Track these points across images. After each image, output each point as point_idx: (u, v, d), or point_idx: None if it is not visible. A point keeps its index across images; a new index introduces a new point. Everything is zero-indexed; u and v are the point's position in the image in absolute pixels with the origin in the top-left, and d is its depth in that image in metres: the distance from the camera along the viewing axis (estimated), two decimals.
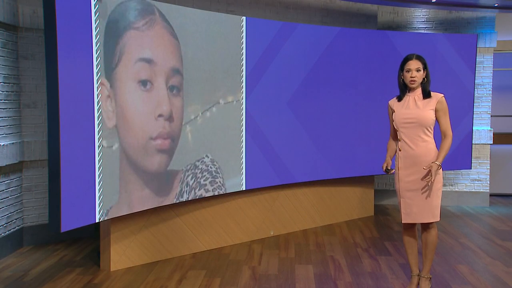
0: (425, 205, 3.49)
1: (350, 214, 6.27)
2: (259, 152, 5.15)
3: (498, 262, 4.51)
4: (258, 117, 5.10)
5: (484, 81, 7.08)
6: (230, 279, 4.11)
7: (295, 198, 5.72)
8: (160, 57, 4.17)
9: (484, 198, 7.14)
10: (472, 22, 7.04)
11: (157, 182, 4.26)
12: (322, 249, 5.00)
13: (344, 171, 5.87)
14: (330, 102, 5.66)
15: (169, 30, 4.24)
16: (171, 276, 4.19)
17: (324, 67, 5.57)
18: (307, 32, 5.42)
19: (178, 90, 4.37)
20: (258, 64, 5.06)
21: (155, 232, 4.59)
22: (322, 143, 5.64)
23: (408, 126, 3.50)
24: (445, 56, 6.25)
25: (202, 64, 4.58)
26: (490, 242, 5.22)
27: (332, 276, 4.16)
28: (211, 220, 5.02)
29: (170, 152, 4.34)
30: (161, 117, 4.21)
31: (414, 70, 3.49)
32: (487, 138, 7.07)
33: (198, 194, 4.65)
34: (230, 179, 4.91)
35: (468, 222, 6.13)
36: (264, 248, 5.02)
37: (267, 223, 5.49)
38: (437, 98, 3.49)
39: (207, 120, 4.67)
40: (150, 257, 4.55)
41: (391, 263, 4.49)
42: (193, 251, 4.87)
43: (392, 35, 6.06)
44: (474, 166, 6.97)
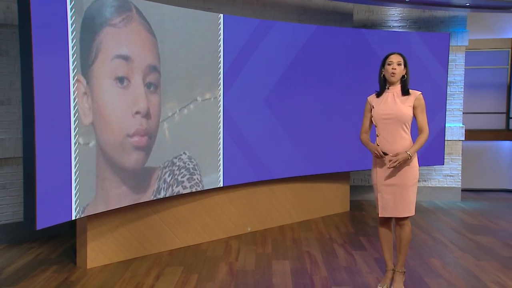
0: (401, 200, 3.57)
1: (326, 210, 6.36)
2: (236, 149, 5.18)
3: (469, 256, 4.65)
4: (235, 114, 5.12)
5: (456, 79, 7.24)
6: (207, 275, 4.14)
7: (272, 194, 5.78)
8: (137, 54, 4.15)
9: (456, 193, 7.32)
10: (444, 21, 7.18)
11: (134, 179, 4.25)
12: (299, 244, 5.07)
13: (321, 168, 5.95)
14: (307, 99, 5.72)
15: (146, 27, 4.23)
16: (148, 273, 4.19)
17: (301, 64, 5.62)
18: (284, 30, 5.46)
19: (155, 87, 4.36)
20: (236, 61, 5.08)
21: (132, 229, 4.58)
22: (299, 140, 5.70)
23: (387, 122, 3.57)
24: (418, 54, 6.37)
25: (179, 61, 4.58)
26: (461, 236, 5.36)
27: (308, 271, 4.23)
28: (188, 217, 5.03)
29: (147, 149, 4.34)
30: (138, 114, 4.20)
31: (395, 63, 3.57)
32: (459, 134, 7.24)
33: (175, 191, 4.66)
34: (207, 176, 4.92)
35: (441, 217, 6.28)
36: (241, 244, 5.06)
37: (244, 219, 5.53)
38: (415, 96, 3.58)
39: (185, 117, 4.67)
40: (127, 254, 4.55)
41: (366, 258, 4.58)
42: (170, 247, 4.88)
43: (368, 33, 6.15)
44: (446, 162, 7.13)
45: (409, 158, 3.51)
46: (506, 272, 4.16)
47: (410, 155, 3.50)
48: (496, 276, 4.06)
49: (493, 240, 5.17)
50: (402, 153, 3.49)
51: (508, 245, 5.00)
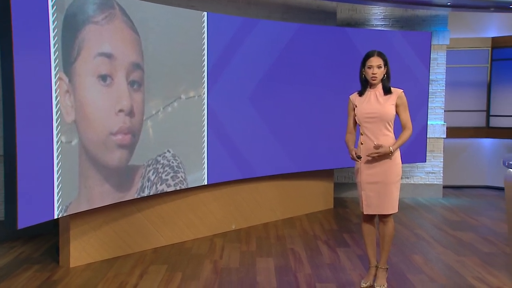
0: (385, 197, 3.61)
1: (310, 207, 6.39)
2: (220, 147, 5.18)
3: (450, 251, 4.72)
4: (219, 112, 5.12)
5: (438, 77, 7.33)
6: (192, 274, 4.14)
7: (256, 192, 5.79)
8: (120, 51, 4.13)
9: (437, 190, 7.42)
10: (426, 20, 7.26)
11: (117, 177, 4.23)
12: (283, 241, 5.09)
13: (305, 165, 5.98)
14: (291, 97, 5.74)
15: (129, 25, 4.21)
16: (131, 271, 4.18)
17: (284, 62, 5.64)
18: (268, 28, 5.47)
19: (139, 85, 4.34)
20: (220, 59, 5.08)
21: (116, 228, 4.56)
22: (283, 138, 5.72)
23: (371, 121, 3.60)
24: (401, 53, 6.43)
25: (163, 59, 4.56)
26: (442, 232, 5.44)
27: (293, 268, 4.25)
28: (172, 215, 5.02)
29: (130, 147, 4.31)
30: (121, 112, 4.17)
31: (376, 67, 3.58)
32: (440, 132, 7.33)
33: (159, 189, 4.64)
34: (192, 173, 4.92)
35: (423, 214, 6.36)
36: (225, 242, 5.06)
37: (229, 217, 5.54)
38: (397, 94, 3.61)
39: (169, 115, 4.66)
40: (111, 253, 4.52)
41: (349, 255, 4.62)
42: (155, 246, 4.86)
43: (351, 32, 6.19)
44: (428, 159, 7.22)
45: (390, 153, 3.54)
46: (486, 267, 4.24)
47: (392, 151, 3.54)
48: (476, 272, 4.13)
49: (473, 236, 5.25)
50: (384, 147, 3.53)
51: (488, 240, 5.09)
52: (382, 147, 3.53)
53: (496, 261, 4.39)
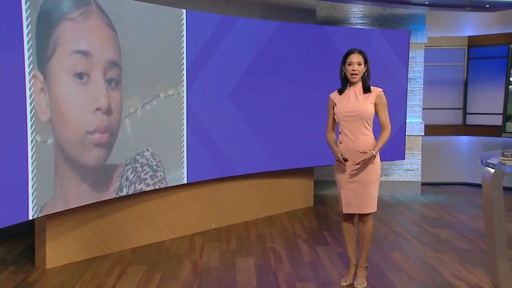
0: (364, 196, 3.61)
1: (291, 205, 6.40)
2: (200, 145, 5.14)
3: (428, 249, 4.76)
4: (199, 110, 5.08)
5: (416, 75, 7.40)
6: (171, 274, 4.10)
7: (236, 190, 5.77)
8: (97, 49, 4.05)
9: (416, 187, 7.50)
10: (404, 19, 7.32)
11: (95, 177, 4.16)
12: (263, 240, 5.08)
13: (285, 163, 5.97)
14: (271, 95, 5.73)
15: (106, 22, 4.13)
16: (109, 272, 4.12)
17: (264, 60, 5.62)
18: (247, 26, 5.44)
19: (116, 83, 4.27)
20: (199, 57, 5.03)
21: (94, 228, 4.49)
22: (263, 136, 5.71)
23: (350, 120, 3.60)
24: (380, 51, 6.47)
25: (141, 56, 4.50)
26: (421, 229, 5.50)
27: (273, 268, 4.24)
28: (152, 214, 4.97)
29: (108, 146, 4.25)
30: (98, 110, 4.10)
31: (356, 64, 3.58)
32: (419, 130, 7.41)
33: (138, 189, 4.58)
34: (171, 172, 4.87)
35: (402, 211, 6.42)
36: (205, 241, 5.03)
37: (209, 215, 5.51)
38: (377, 92, 3.61)
39: (147, 114, 4.60)
40: (88, 253, 4.45)
41: (329, 253, 4.63)
42: (133, 245, 4.81)
43: (331, 30, 6.20)
44: (407, 157, 7.28)
45: (373, 157, 3.56)
46: (464, 264, 4.29)
47: (375, 155, 3.55)
48: (454, 269, 4.17)
49: (451, 233, 5.32)
50: (368, 152, 3.53)
51: (465, 237, 5.16)
52: (366, 154, 3.52)
53: (473, 258, 4.45)
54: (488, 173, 3.19)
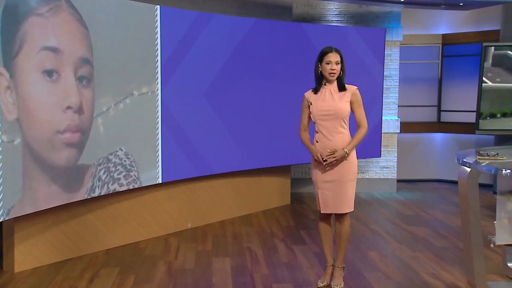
0: (341, 195, 3.58)
1: (268, 204, 6.35)
2: (175, 144, 5.05)
3: (404, 247, 4.77)
4: (174, 108, 4.99)
5: (391, 73, 7.43)
6: (145, 276, 4.00)
7: (212, 189, 5.69)
8: (67, 46, 3.92)
9: (391, 184, 7.54)
10: (380, 17, 7.34)
11: (65, 177, 4.03)
12: (239, 240, 5.02)
13: (262, 162, 5.92)
14: (247, 93, 5.66)
15: (76, 18, 4.00)
16: (81, 275, 4.01)
17: (240, 58, 5.55)
18: (223, 22, 5.37)
19: (88, 81, 4.15)
20: (174, 54, 4.93)
21: (65, 229, 4.37)
22: (239, 134, 5.64)
23: (326, 118, 3.56)
24: (356, 49, 6.46)
25: (114, 53, 4.38)
26: (397, 227, 5.51)
27: (249, 268, 4.19)
28: (126, 215, 4.87)
29: (80, 145, 4.12)
30: (69, 109, 3.98)
31: (334, 63, 3.55)
32: (395, 127, 7.44)
33: (111, 189, 4.47)
34: (145, 172, 4.77)
35: (378, 208, 6.43)
36: (181, 241, 4.95)
37: (185, 215, 5.42)
38: (352, 91, 3.59)
39: (120, 112, 4.49)
40: (60, 256, 4.33)
41: (306, 252, 4.60)
42: (107, 247, 4.70)
43: (307, 27, 6.17)
44: (383, 154, 7.31)
45: (346, 155, 3.53)
46: (440, 263, 4.30)
47: (347, 152, 3.52)
48: (430, 268, 4.18)
49: (426, 231, 5.35)
50: (339, 150, 3.51)
51: (441, 235, 5.19)
52: (336, 151, 3.50)
53: (449, 256, 4.47)
54: (464, 172, 3.20)
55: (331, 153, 3.50)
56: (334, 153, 3.50)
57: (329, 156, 3.51)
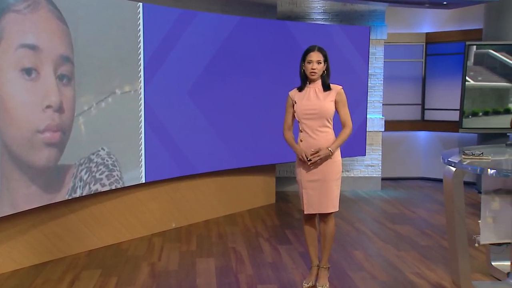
0: (325, 195, 3.55)
1: (252, 203, 6.31)
2: (159, 144, 4.98)
3: (390, 246, 4.77)
4: (157, 107, 4.91)
5: (376, 71, 7.43)
6: (127, 278, 3.94)
7: (197, 189, 5.63)
8: (47, 43, 3.83)
9: (376, 182, 7.55)
10: (364, 15, 7.33)
11: (45, 178, 3.94)
12: (224, 240, 4.97)
13: (247, 161, 5.88)
14: (231, 92, 5.61)
15: (56, 14, 3.91)
16: (62, 277, 3.93)
17: (225, 56, 5.49)
18: (207, 20, 5.30)
19: (68, 79, 4.06)
20: (157, 52, 4.86)
21: (46, 231, 4.28)
22: (223, 133, 5.59)
23: (310, 118, 3.53)
24: (341, 47, 6.44)
25: (95, 51, 4.29)
26: (382, 226, 5.51)
27: (234, 269, 4.14)
28: (108, 215, 4.78)
29: (60, 145, 4.04)
30: (49, 108, 3.89)
31: (315, 62, 3.51)
32: (379, 125, 7.45)
33: (93, 189, 4.39)
34: (128, 172, 4.69)
35: (363, 207, 6.43)
36: (165, 242, 4.88)
37: (168, 215, 5.35)
38: (336, 90, 3.56)
39: (102, 111, 4.40)
40: (40, 258, 4.24)
41: (291, 252, 4.56)
42: (89, 248, 4.61)
43: (291, 25, 6.13)
44: (367, 153, 7.31)
45: (330, 154, 3.50)
46: (424, 262, 4.30)
47: (332, 151, 3.50)
48: (415, 267, 4.18)
49: (411, 229, 5.35)
50: (323, 149, 3.48)
51: (425, 233, 5.20)
52: (321, 150, 3.47)
53: (433, 255, 4.48)
54: (449, 172, 3.19)
55: (315, 152, 3.48)
56: (318, 152, 3.47)
57: (314, 156, 3.48)
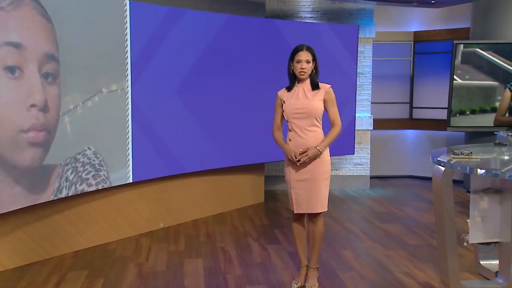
0: (314, 195, 3.53)
1: (241, 202, 6.28)
2: (146, 143, 4.93)
3: (378, 245, 4.76)
4: (145, 106, 4.86)
5: (365, 70, 7.43)
6: (114, 279, 3.88)
7: (185, 188, 5.59)
8: (31, 41, 3.76)
9: (365, 181, 7.55)
10: (353, 13, 7.32)
11: (30, 178, 3.88)
12: (213, 239, 4.94)
13: (235, 160, 5.84)
14: (220, 90, 5.57)
15: (40, 12, 3.84)
16: (47, 279, 3.86)
17: (213, 54, 5.45)
18: (195, 18, 5.25)
19: (53, 78, 3.99)
20: (145, 50, 4.80)
21: (30, 231, 4.21)
22: (212, 132, 5.55)
23: (299, 117, 3.50)
24: (329, 46, 6.43)
25: (81, 50, 4.22)
26: (370, 225, 5.51)
27: (222, 270, 4.10)
28: (95, 215, 4.72)
29: (45, 145, 3.97)
30: (34, 107, 3.82)
31: (304, 62, 3.49)
32: (368, 124, 7.45)
33: (79, 189, 4.33)
34: (115, 171, 4.64)
35: (351, 206, 6.43)
36: (152, 242, 4.84)
37: (156, 215, 5.30)
38: (325, 89, 3.54)
39: (89, 110, 4.34)
40: (25, 259, 4.17)
41: (280, 252, 4.54)
42: (75, 249, 4.55)
43: (280, 23, 6.10)
44: (356, 151, 7.31)
45: (319, 153, 3.48)
46: (413, 261, 4.30)
47: (320, 151, 3.47)
48: (404, 266, 4.17)
49: (399, 228, 5.35)
50: (312, 148, 3.46)
51: (414, 232, 5.21)
52: (309, 150, 3.45)
53: (422, 254, 4.48)
54: (438, 171, 3.18)
55: (304, 152, 3.46)
56: (307, 151, 3.45)
57: (302, 156, 3.46)
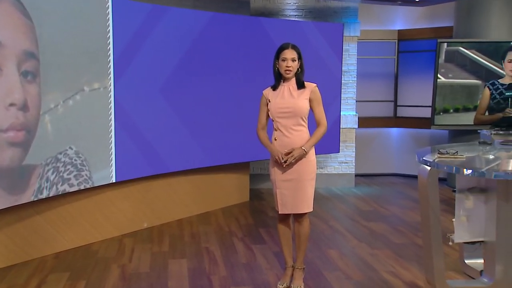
0: (299, 195, 3.50)
1: (226, 201, 6.24)
2: (130, 142, 4.85)
3: (364, 244, 4.76)
4: (128, 105, 4.78)
5: (349, 68, 7.43)
6: (97, 281, 3.82)
7: (169, 188, 5.52)
8: (9, 38, 3.66)
9: (350, 179, 7.56)
10: (338, 12, 7.31)
11: (9, 179, 3.78)
12: (197, 240, 4.89)
13: (220, 159, 5.79)
14: (204, 89, 5.51)
15: (19, 8, 3.74)
16: (27, 282, 3.78)
17: (197, 52, 5.39)
18: (179, 16, 5.19)
19: (33, 76, 3.90)
20: (127, 48, 4.73)
21: (10, 233, 4.12)
22: (196, 131, 5.49)
23: (285, 116, 3.47)
24: (314, 44, 6.41)
25: (62, 47, 4.13)
26: (356, 224, 5.51)
27: (207, 271, 4.06)
28: (77, 216, 4.64)
29: (25, 145, 3.88)
30: (12, 106, 3.73)
31: (290, 60, 3.45)
32: (353, 122, 7.45)
33: (61, 190, 4.25)
34: (98, 171, 4.56)
35: (337, 204, 6.42)
36: (136, 243, 4.77)
37: (140, 215, 5.24)
38: (311, 88, 3.51)
39: (70, 109, 4.25)
40: (5, 261, 4.08)
41: (265, 252, 4.51)
42: (57, 250, 4.47)
43: (265, 21, 6.06)
44: (341, 149, 7.31)
45: (305, 154, 3.45)
46: (398, 260, 4.30)
47: (306, 151, 3.44)
48: (389, 265, 4.17)
49: (385, 227, 5.36)
50: (297, 149, 3.43)
51: (399, 231, 5.22)
52: (294, 150, 3.42)
53: (407, 253, 4.48)
54: (424, 171, 3.17)
55: (289, 152, 3.42)
56: (292, 152, 3.41)
57: (288, 156, 3.42)
